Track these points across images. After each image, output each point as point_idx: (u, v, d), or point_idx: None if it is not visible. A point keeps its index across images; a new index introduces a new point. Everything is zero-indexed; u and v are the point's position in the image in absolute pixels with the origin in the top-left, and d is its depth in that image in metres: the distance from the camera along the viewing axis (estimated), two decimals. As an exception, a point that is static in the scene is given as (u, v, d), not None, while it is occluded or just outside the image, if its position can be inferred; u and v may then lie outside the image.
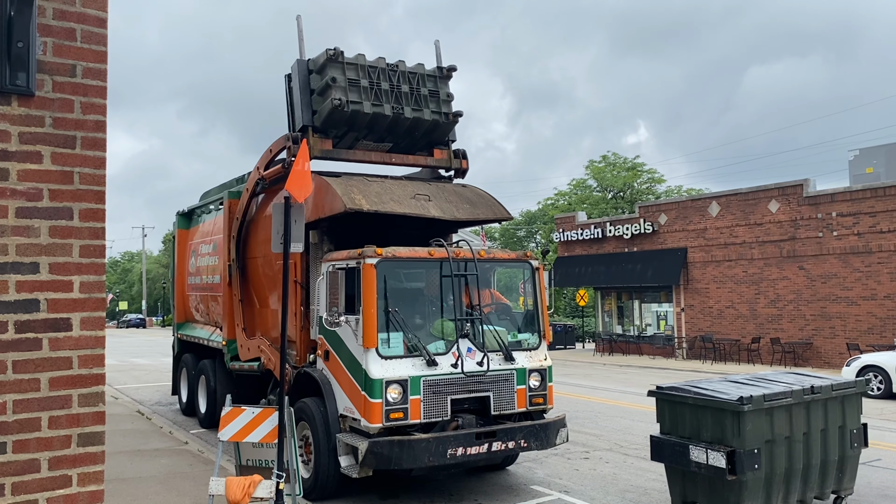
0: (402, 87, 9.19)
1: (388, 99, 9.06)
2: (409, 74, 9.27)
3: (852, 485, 7.79)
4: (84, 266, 3.03)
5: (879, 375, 16.94)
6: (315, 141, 9.01)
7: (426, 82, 9.39)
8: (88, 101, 3.09)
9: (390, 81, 9.12)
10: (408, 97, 9.22)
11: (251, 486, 7.04)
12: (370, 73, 9.01)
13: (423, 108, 9.29)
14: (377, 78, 9.05)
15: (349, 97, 8.76)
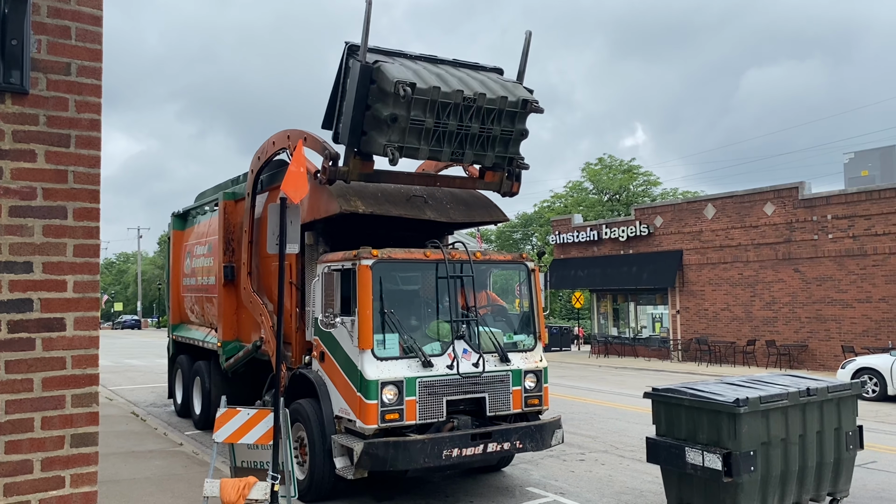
0: (471, 128, 8.02)
1: (450, 142, 8.04)
2: (487, 110, 7.99)
3: (848, 487, 7.80)
4: (78, 265, 3.01)
5: (874, 378, 16.97)
6: (355, 164, 8.13)
7: (503, 119, 8.14)
8: (83, 100, 3.07)
9: (460, 121, 7.91)
10: (473, 140, 8.16)
11: (246, 487, 7.01)
12: (440, 110, 7.73)
13: (488, 151, 8.33)
14: (446, 117, 7.82)
15: (406, 140, 7.78)
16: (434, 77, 7.84)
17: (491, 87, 8.11)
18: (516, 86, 8.45)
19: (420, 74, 7.79)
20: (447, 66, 8.52)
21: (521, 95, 8.20)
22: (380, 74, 7.62)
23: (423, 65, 8.21)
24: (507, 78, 8.77)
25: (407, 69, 7.83)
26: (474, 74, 8.46)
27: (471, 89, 7.88)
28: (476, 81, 8.16)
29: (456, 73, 8.28)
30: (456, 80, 8.02)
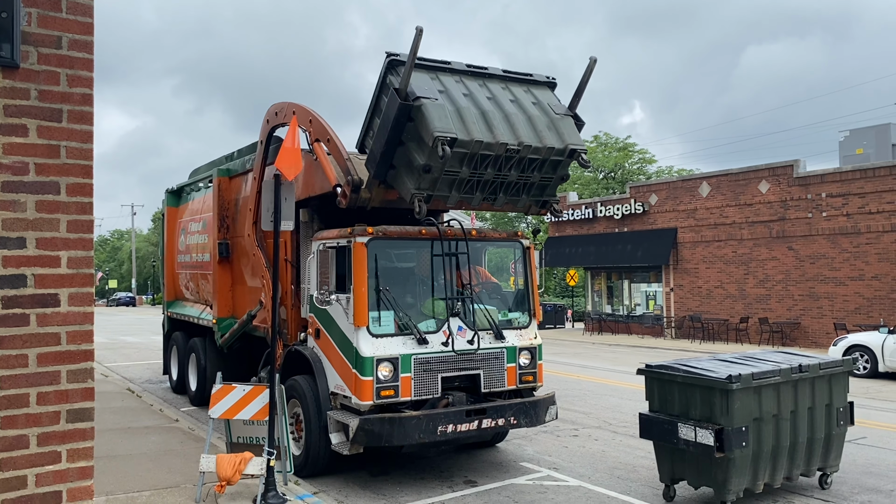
0: (509, 176, 7.58)
1: (483, 190, 7.66)
2: (529, 161, 7.50)
3: (838, 462, 7.89)
4: (71, 241, 3.00)
5: (866, 355, 17.11)
6: (379, 192, 7.80)
7: (545, 167, 7.64)
8: (74, 74, 3.04)
9: (499, 170, 7.43)
10: (508, 187, 7.76)
11: (242, 463, 7.07)
12: (479, 161, 7.25)
13: (522, 196, 7.97)
14: (484, 167, 7.35)
15: (437, 189, 7.42)
16: (478, 122, 7.17)
17: (540, 132, 7.49)
18: (567, 124, 7.75)
19: (463, 116, 7.12)
20: (496, 82, 7.82)
21: (569, 144, 7.61)
22: (420, 117, 7.01)
23: (469, 85, 7.54)
24: (558, 105, 7.99)
25: (449, 103, 7.16)
26: (524, 99, 7.77)
27: (517, 138, 7.30)
28: (523, 119, 7.50)
29: (505, 102, 7.57)
30: (502, 120, 7.33)
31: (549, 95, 8.15)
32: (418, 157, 7.15)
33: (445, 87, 7.42)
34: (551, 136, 7.55)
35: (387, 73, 7.42)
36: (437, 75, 7.50)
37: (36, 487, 2.89)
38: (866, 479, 8.33)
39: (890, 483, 8.19)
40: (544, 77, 8.29)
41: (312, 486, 7.84)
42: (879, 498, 7.65)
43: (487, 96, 7.59)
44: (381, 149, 7.29)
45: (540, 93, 8.11)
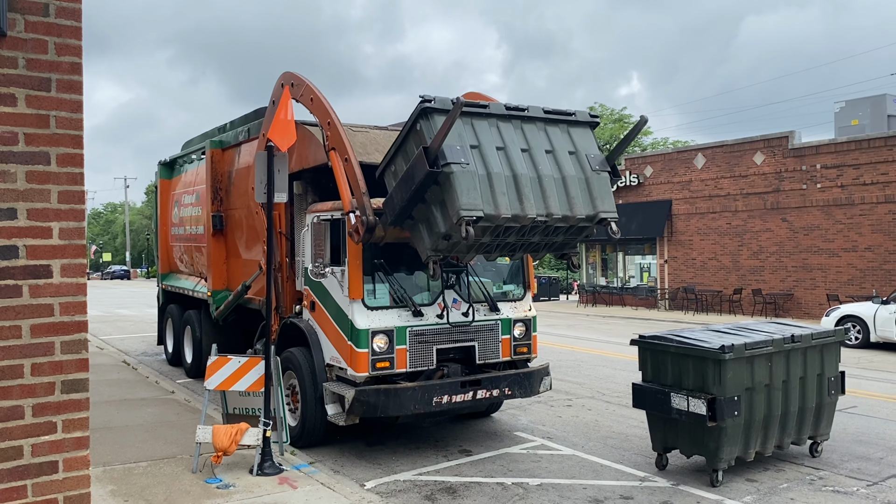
0: (531, 240, 7.16)
1: (503, 250, 7.34)
2: (556, 227, 7.05)
3: (829, 431, 7.98)
4: (63, 212, 2.99)
5: (858, 325, 17.24)
6: (393, 232, 7.47)
7: (570, 231, 7.26)
8: (63, 42, 3.00)
9: (523, 236, 7.01)
10: (529, 247, 7.41)
11: (238, 433, 7.12)
12: (503, 231, 6.81)
13: (541, 251, 7.66)
14: (507, 235, 6.92)
15: (454, 251, 7.15)
16: (508, 189, 6.62)
17: (572, 198, 6.96)
18: (602, 184, 7.18)
19: (493, 185, 6.52)
20: (534, 124, 7.16)
21: (600, 212, 7.10)
22: (447, 184, 6.46)
23: (504, 132, 6.90)
24: (595, 156, 7.29)
25: (480, 165, 6.57)
26: (561, 148, 7.14)
27: (547, 209, 6.79)
28: (557, 181, 6.94)
29: (540, 157, 6.96)
30: (534, 186, 6.79)
31: (589, 139, 7.46)
32: (440, 224, 6.70)
33: (478, 141, 6.73)
34: (583, 203, 7.05)
35: (418, 119, 6.75)
36: (471, 122, 6.77)
37: (32, 457, 2.90)
38: (856, 448, 8.43)
39: (879, 451, 8.30)
40: (587, 116, 7.57)
41: (309, 457, 7.91)
42: (869, 465, 7.76)
43: (523, 147, 6.93)
44: (402, 203, 6.82)
45: (579, 136, 7.39)
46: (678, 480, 7.25)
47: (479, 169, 6.58)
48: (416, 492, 6.95)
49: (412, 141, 6.84)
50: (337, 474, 7.41)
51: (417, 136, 6.76)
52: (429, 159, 6.41)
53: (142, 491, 6.56)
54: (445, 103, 6.64)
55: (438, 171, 6.43)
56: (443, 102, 6.65)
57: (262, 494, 6.49)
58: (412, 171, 6.60)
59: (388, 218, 7.10)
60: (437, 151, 6.42)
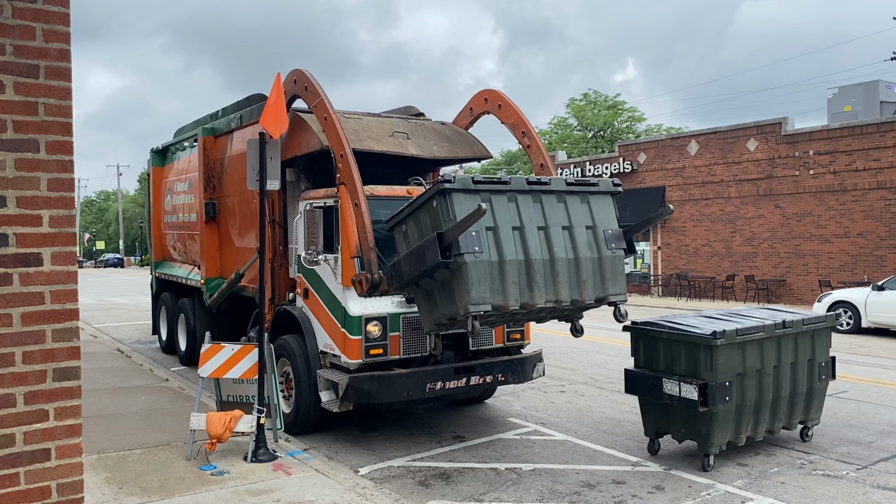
0: (538, 315, 7.03)
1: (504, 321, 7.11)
2: (562, 308, 6.83)
3: (819, 415, 8.05)
4: (53, 200, 2.98)
5: (849, 311, 17.34)
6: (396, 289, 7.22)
7: (575, 308, 7.05)
8: (51, 29, 2.98)
9: (527, 314, 6.83)
10: (531, 317, 7.24)
11: (232, 420, 7.13)
12: (509, 315, 6.69)
13: (545, 319, 7.44)
14: (513, 315, 6.77)
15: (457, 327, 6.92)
16: (520, 275, 6.36)
17: (583, 282, 6.70)
18: (616, 264, 6.95)
19: (505, 273, 6.24)
20: (554, 196, 6.75)
21: (610, 295, 6.89)
22: (458, 274, 6.18)
23: (522, 208, 6.52)
24: (612, 233, 6.98)
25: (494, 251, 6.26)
26: (579, 223, 6.80)
27: (556, 296, 6.55)
28: (570, 264, 6.65)
29: (556, 236, 6.62)
30: (546, 271, 6.51)
31: (609, 210, 7.10)
32: (446, 306, 6.47)
33: (495, 221, 6.35)
34: (593, 287, 6.79)
35: (436, 196, 6.33)
36: (490, 198, 6.37)
37: (24, 445, 2.91)
38: (846, 432, 8.51)
39: (869, 435, 8.38)
40: (609, 185, 7.14)
41: (303, 443, 7.94)
42: (858, 450, 7.83)
43: (539, 225, 6.58)
44: (409, 276, 6.57)
45: (599, 207, 7.01)
46: (670, 465, 7.31)
47: (493, 255, 6.24)
48: (409, 477, 6.99)
49: (426, 213, 6.47)
50: (331, 461, 7.44)
51: (433, 212, 6.37)
52: (442, 246, 6.06)
53: (136, 478, 6.58)
54: (466, 183, 6.23)
55: (450, 260, 6.11)
56: (462, 182, 6.22)
57: (256, 481, 6.51)
58: (423, 253, 6.26)
59: (394, 283, 6.88)
60: (452, 241, 6.08)
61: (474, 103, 9.63)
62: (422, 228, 6.53)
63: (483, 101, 9.48)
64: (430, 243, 6.17)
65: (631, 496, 6.46)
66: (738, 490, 6.59)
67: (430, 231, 6.38)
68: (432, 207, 6.34)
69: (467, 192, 6.23)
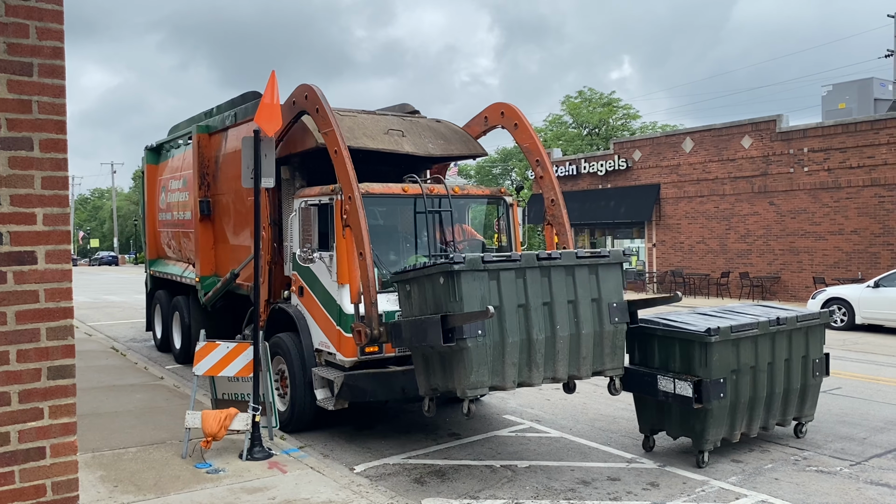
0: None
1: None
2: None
3: (813, 412, 8.08)
4: (47, 198, 2.97)
5: (843, 308, 17.40)
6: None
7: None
8: (44, 27, 2.97)
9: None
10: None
11: (227, 419, 7.13)
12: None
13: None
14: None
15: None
16: (521, 354, 6.33)
17: (583, 357, 6.69)
18: (618, 340, 6.94)
19: (505, 355, 6.21)
20: (563, 269, 6.61)
21: (607, 370, 6.91)
22: (458, 355, 6.13)
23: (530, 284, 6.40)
24: (617, 306, 6.91)
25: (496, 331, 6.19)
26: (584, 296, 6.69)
27: (554, 372, 6.54)
28: (572, 341, 6.60)
29: (561, 311, 6.53)
30: (547, 349, 6.46)
31: (616, 281, 6.99)
32: (442, 379, 6.47)
33: (501, 299, 6.24)
34: (591, 362, 6.79)
35: (444, 274, 6.21)
36: (497, 276, 6.26)
37: (19, 443, 2.91)
38: (840, 428, 8.54)
39: (863, 431, 8.41)
40: (619, 256, 7.01)
41: (298, 441, 7.94)
42: (852, 445, 7.87)
43: (545, 301, 6.48)
44: (409, 342, 6.61)
45: (607, 277, 6.90)
46: (665, 462, 7.33)
47: (495, 335, 6.15)
48: (405, 475, 7.00)
49: (432, 286, 6.36)
50: (326, 458, 7.44)
51: (438, 289, 6.27)
52: (444, 329, 5.99)
53: (131, 476, 6.57)
54: (475, 264, 6.10)
55: (453, 345, 6.06)
56: (472, 263, 6.08)
57: (251, 479, 6.51)
58: (425, 329, 6.20)
59: (394, 342, 6.90)
60: (455, 326, 6.01)
61: (490, 113, 9.30)
62: (426, 298, 6.46)
63: (500, 114, 9.15)
64: (433, 323, 6.08)
65: (626, 493, 6.48)
66: (732, 486, 6.61)
67: (432, 304, 6.35)
68: (439, 284, 6.23)
69: (476, 271, 6.12)
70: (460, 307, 6.00)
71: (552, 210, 8.69)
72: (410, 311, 6.69)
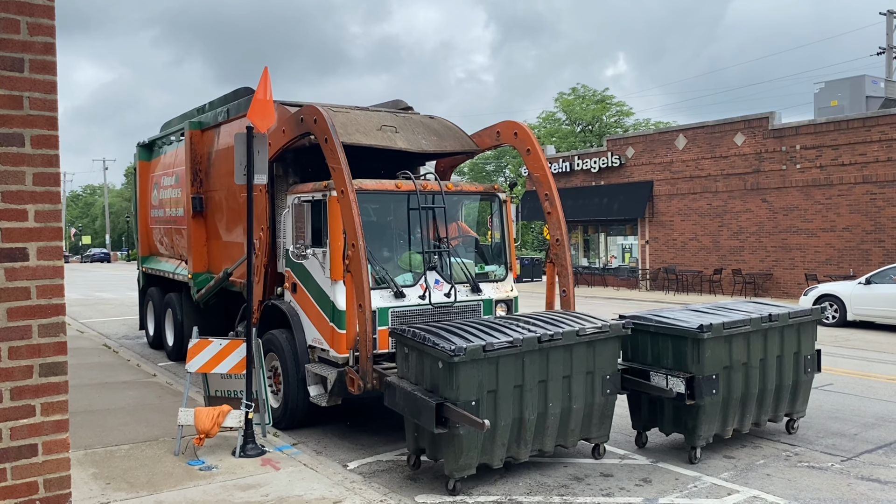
0: None
1: None
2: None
3: (805, 408, 8.12)
4: (38, 194, 2.96)
5: (835, 304, 17.49)
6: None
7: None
8: (35, 22, 2.95)
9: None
10: None
11: (220, 416, 7.12)
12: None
13: None
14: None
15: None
16: (512, 433, 6.37)
17: (574, 425, 6.79)
18: (609, 408, 7.04)
19: (496, 435, 6.23)
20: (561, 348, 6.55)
21: (594, 437, 7.08)
22: (449, 438, 6.13)
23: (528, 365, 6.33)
24: (611, 377, 6.96)
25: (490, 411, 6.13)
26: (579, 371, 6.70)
27: (542, 446, 6.64)
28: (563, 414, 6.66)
29: (555, 389, 6.54)
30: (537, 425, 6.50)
31: (612, 353, 7.03)
32: (431, 450, 6.47)
33: (497, 384, 6.19)
34: (579, 433, 6.91)
35: (446, 363, 6.07)
36: (497, 361, 6.17)
37: (11, 441, 2.90)
38: (831, 424, 8.59)
39: (854, 427, 8.46)
40: (619, 329, 6.97)
41: (291, 438, 7.93)
42: (843, 441, 7.91)
43: (541, 379, 6.44)
44: (403, 410, 6.49)
45: (603, 351, 6.90)
46: (657, 458, 7.36)
47: (488, 417, 6.08)
48: (398, 471, 7.00)
49: (431, 365, 6.29)
50: (319, 455, 7.44)
51: (436, 371, 6.20)
52: (438, 415, 5.96)
53: (124, 473, 6.56)
54: (476, 354, 5.98)
55: (445, 430, 6.04)
56: (472, 354, 5.97)
57: (244, 476, 6.51)
58: (419, 408, 6.14)
59: (386, 401, 6.76)
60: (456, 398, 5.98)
61: (503, 130, 9.04)
62: (423, 371, 6.42)
63: (513, 134, 8.89)
64: (427, 407, 6.02)
65: (619, 489, 6.50)
66: (724, 482, 6.64)
67: (429, 380, 6.31)
68: (437, 367, 6.17)
69: (475, 361, 6.03)
70: (456, 396, 5.99)
71: (556, 249, 8.58)
72: (406, 372, 6.66)
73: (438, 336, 6.25)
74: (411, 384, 6.51)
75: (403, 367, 6.73)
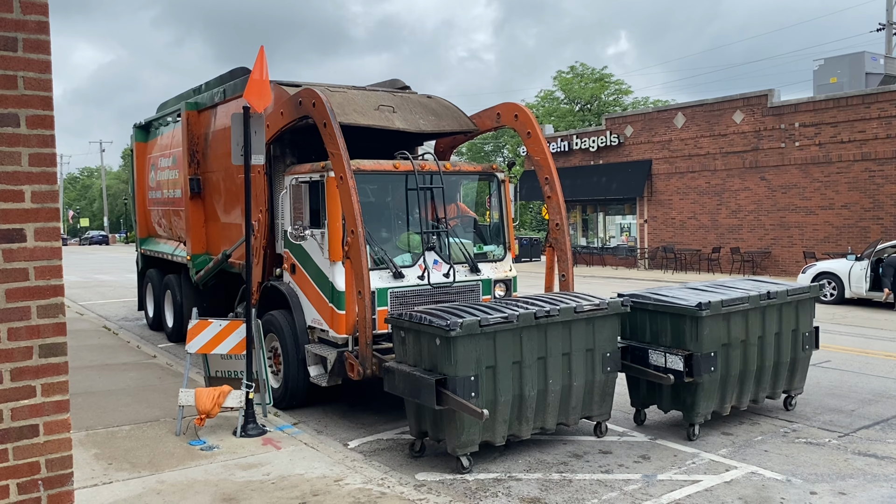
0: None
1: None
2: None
3: (802, 385, 8.16)
4: (35, 175, 2.94)
5: (833, 282, 17.52)
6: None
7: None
8: (28, 0, 2.92)
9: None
10: None
11: (221, 396, 7.15)
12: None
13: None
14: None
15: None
16: (513, 410, 6.42)
17: (573, 407, 6.85)
18: (607, 386, 7.08)
19: (497, 412, 6.28)
20: (560, 325, 6.59)
21: (595, 415, 7.12)
22: (450, 417, 6.20)
23: (525, 343, 6.38)
24: (613, 353, 7.02)
25: (490, 389, 6.22)
26: (579, 358, 6.75)
27: (543, 423, 6.67)
28: (562, 396, 6.71)
29: (555, 371, 6.59)
30: (537, 403, 6.55)
31: (613, 331, 7.06)
32: (434, 429, 6.50)
33: (495, 360, 6.24)
34: (580, 410, 6.96)
35: (443, 339, 6.11)
36: (494, 336, 6.22)
37: (12, 421, 2.91)
38: (829, 401, 8.64)
39: (851, 403, 8.51)
40: (618, 306, 6.98)
41: (292, 417, 7.97)
42: (840, 417, 7.96)
43: (540, 356, 6.49)
44: (403, 393, 6.50)
45: (603, 328, 6.93)
46: (656, 435, 7.40)
47: (488, 394, 6.19)
48: (399, 450, 7.05)
49: (428, 343, 6.31)
50: (320, 434, 7.48)
51: (434, 349, 6.22)
52: (439, 393, 5.99)
53: (126, 454, 6.59)
54: (472, 328, 6.02)
55: (445, 408, 6.11)
56: (468, 328, 6.00)
57: (245, 455, 6.55)
58: (419, 388, 6.18)
59: (386, 386, 6.73)
60: (454, 377, 6.02)
61: (504, 111, 8.97)
62: (421, 351, 6.44)
63: (513, 116, 8.84)
64: (427, 385, 6.06)
65: (617, 465, 6.55)
66: (722, 458, 6.69)
67: (428, 360, 6.32)
68: (434, 344, 6.19)
69: (472, 335, 6.07)
70: (455, 370, 6.03)
71: (555, 233, 8.58)
72: (405, 356, 6.67)
73: (435, 315, 6.30)
74: (410, 366, 6.54)
75: (401, 352, 6.74)
